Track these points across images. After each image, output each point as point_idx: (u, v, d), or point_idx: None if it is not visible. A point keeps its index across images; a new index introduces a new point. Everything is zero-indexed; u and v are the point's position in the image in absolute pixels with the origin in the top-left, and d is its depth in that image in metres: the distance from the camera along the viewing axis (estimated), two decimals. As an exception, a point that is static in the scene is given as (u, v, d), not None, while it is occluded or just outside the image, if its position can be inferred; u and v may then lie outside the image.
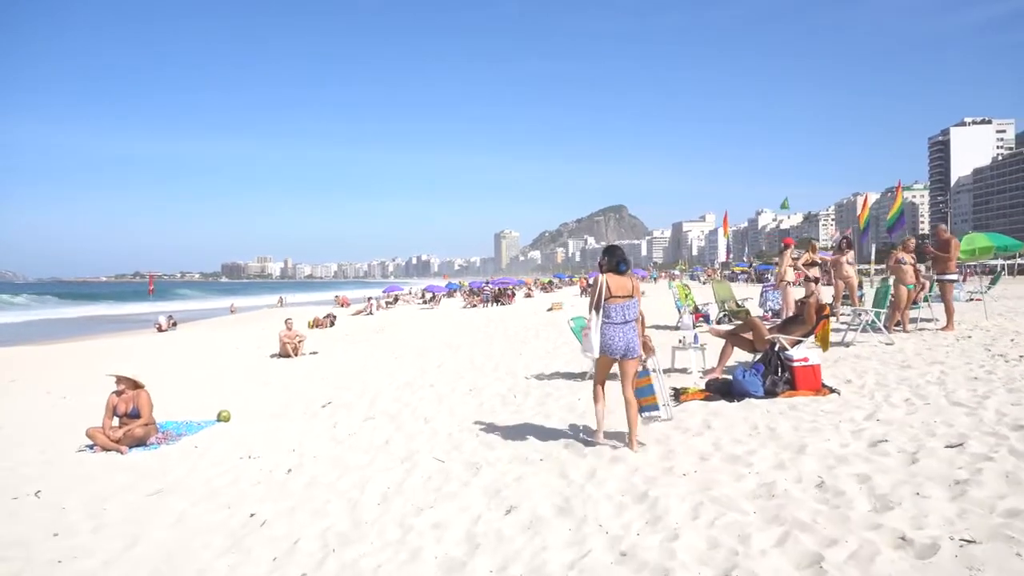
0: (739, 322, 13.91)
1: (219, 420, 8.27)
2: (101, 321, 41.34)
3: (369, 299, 37.12)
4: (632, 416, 5.40)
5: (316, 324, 25.82)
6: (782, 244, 14.15)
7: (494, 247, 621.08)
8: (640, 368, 5.90)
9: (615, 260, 5.48)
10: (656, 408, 6.12)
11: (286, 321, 16.75)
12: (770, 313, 14.38)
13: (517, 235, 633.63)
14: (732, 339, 8.54)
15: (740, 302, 15.83)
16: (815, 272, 12.45)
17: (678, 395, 7.33)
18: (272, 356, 15.82)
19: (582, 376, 9.10)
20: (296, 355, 15.49)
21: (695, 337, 9.06)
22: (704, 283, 50.47)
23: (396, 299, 44.28)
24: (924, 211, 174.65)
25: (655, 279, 72.47)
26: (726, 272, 68.33)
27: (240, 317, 40.49)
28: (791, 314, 12.24)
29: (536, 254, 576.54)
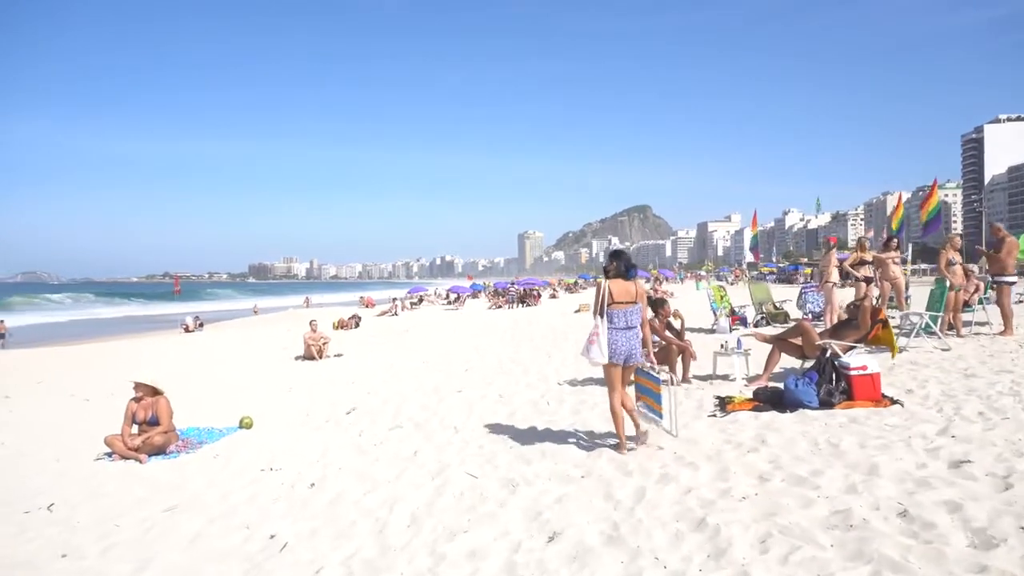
0: (778, 324, 13.35)
1: (241, 427, 7.98)
2: (131, 321, 41.87)
3: (394, 300, 37.01)
4: (630, 408, 5.51)
5: (341, 325, 25.68)
6: (828, 243, 13.54)
7: (518, 247, 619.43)
8: (654, 372, 5.90)
9: (622, 265, 5.39)
10: (660, 416, 5.84)
11: (311, 323, 16.53)
12: (810, 316, 13.78)
13: (541, 235, 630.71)
14: (780, 344, 8.03)
15: (778, 304, 15.25)
16: (866, 271, 11.82)
17: (724, 404, 6.86)
18: (297, 358, 15.60)
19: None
20: (321, 357, 15.25)
21: (738, 342, 8.57)
22: (732, 283, 49.51)
23: (421, 300, 44.13)
24: (957, 210, 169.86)
25: (682, 279, 71.40)
26: (753, 272, 67.04)
27: (266, 318, 40.65)
28: (835, 317, 11.67)
29: (560, 254, 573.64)
